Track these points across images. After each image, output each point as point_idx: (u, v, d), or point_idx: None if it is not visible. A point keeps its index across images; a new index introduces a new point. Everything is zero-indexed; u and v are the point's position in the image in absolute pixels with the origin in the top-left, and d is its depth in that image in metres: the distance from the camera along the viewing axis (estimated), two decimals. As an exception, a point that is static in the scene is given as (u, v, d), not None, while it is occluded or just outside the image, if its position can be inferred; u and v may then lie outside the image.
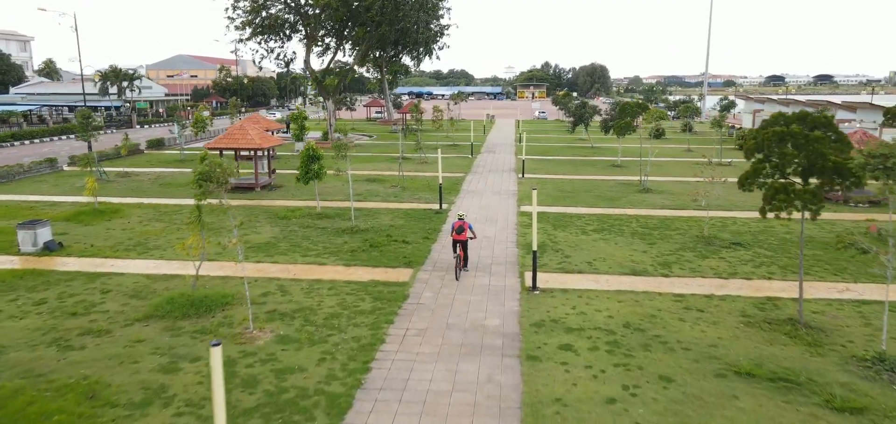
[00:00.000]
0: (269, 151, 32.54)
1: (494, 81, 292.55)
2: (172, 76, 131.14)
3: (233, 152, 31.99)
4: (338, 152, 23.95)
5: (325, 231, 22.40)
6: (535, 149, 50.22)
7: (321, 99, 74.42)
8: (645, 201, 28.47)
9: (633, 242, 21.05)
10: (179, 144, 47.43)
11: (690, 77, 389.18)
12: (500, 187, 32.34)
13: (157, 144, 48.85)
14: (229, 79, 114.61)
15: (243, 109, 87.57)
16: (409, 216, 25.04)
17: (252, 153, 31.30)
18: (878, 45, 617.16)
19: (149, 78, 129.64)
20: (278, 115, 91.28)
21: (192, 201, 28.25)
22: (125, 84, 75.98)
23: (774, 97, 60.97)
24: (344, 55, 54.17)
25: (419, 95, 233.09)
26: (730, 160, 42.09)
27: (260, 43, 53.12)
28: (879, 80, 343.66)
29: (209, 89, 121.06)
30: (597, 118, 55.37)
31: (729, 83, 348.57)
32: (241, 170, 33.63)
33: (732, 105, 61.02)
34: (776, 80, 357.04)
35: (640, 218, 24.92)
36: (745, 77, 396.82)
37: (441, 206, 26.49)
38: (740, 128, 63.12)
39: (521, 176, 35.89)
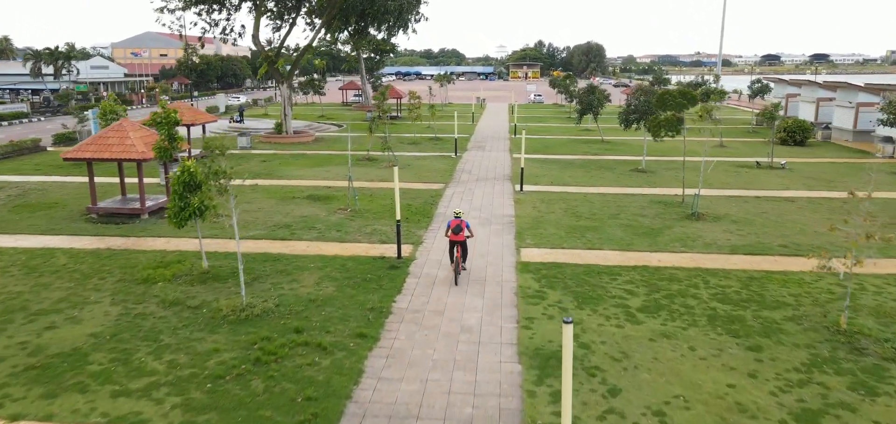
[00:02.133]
0: (164, 162, 23.18)
1: (486, 61, 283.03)
2: (136, 54, 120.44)
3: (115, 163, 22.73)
4: (212, 180, 14.69)
5: (195, 315, 13.32)
6: (534, 144, 41.14)
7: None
8: (701, 236, 19.52)
9: (720, 343, 12.11)
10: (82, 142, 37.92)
11: (685, 56, 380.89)
12: (490, 210, 23.27)
13: (65, 140, 39.32)
14: (195, 59, 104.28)
15: (195, 94, 77.72)
16: (347, 275, 15.95)
17: (137, 165, 22.00)
18: (874, 24, 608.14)
19: (107, 58, 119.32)
20: (244, 99, 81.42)
21: (35, 240, 19.23)
22: (61, 63, 66.01)
23: (817, 79, 52.18)
24: (314, 30, 44.37)
25: (407, 75, 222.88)
26: (783, 162, 33.18)
27: (200, 14, 43.53)
28: (875, 59, 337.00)
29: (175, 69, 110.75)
30: (608, 104, 46.19)
31: (725, 63, 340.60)
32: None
33: (766, 88, 51.97)
34: (771, 59, 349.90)
35: (709, 276, 15.94)
36: (740, 56, 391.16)
37: (400, 255, 17.38)
38: (772, 116, 54.15)
39: (519, 188, 26.83)
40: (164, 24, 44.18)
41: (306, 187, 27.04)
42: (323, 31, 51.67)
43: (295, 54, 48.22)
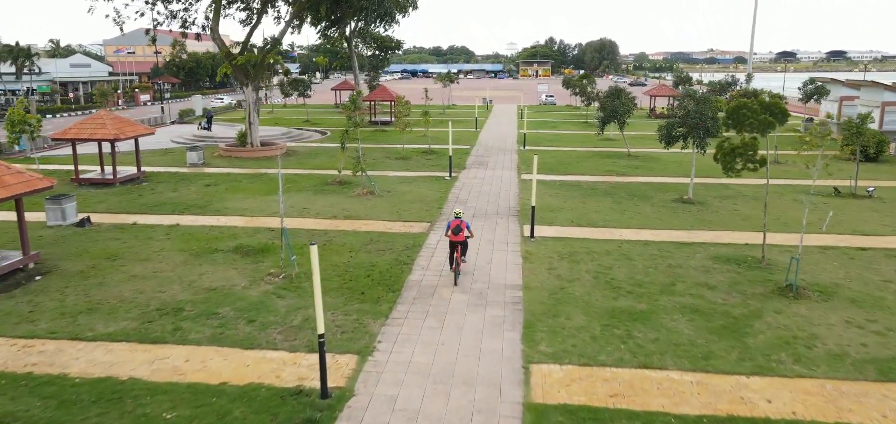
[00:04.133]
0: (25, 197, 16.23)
1: (496, 58, 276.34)
2: (119, 52, 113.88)
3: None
4: None
5: None
6: (547, 159, 33.99)
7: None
8: (817, 335, 12.35)
9: None
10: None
11: (698, 53, 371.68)
12: (488, 274, 16.16)
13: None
14: (184, 56, 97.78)
15: (168, 95, 70.57)
16: (220, 443, 8.95)
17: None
18: (892, 20, 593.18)
19: (95, 56, 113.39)
20: (228, 101, 74.66)
21: None
22: (21, 61, 59.51)
23: (881, 79, 44.75)
24: (288, 23, 37.31)
25: (413, 73, 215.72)
26: (871, 188, 25.84)
27: (152, 5, 36.73)
28: (894, 56, 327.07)
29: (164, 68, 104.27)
30: (637, 104, 38.77)
31: (739, 60, 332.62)
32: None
33: (823, 90, 44.16)
34: (787, 57, 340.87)
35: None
36: (755, 53, 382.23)
37: (326, 390, 10.28)
38: (824, 122, 46.61)
39: (529, 233, 19.69)
40: (107, 16, 37.10)
41: (241, 230, 20.07)
42: (308, 25, 45.24)
43: (262, 51, 41.25)
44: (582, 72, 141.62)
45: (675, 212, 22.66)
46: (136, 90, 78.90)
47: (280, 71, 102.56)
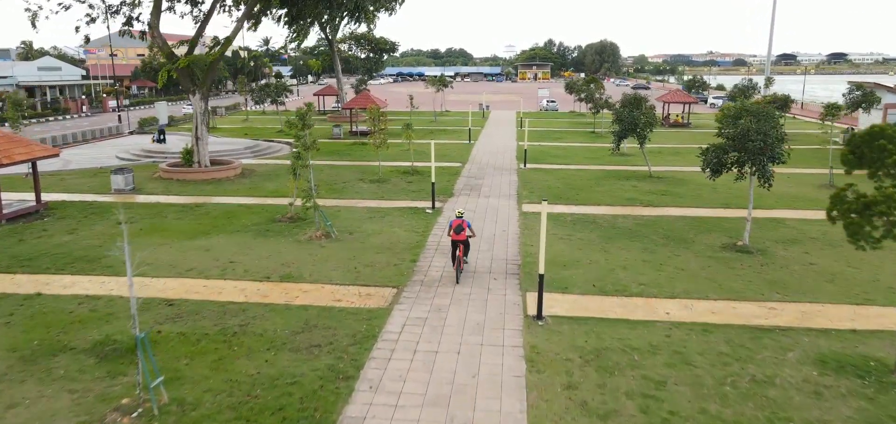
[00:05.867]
0: None
1: (494, 61, 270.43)
2: (87, 52, 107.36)
3: None
4: None
5: None
6: (555, 183, 28.12)
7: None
8: None
9: None
10: None
11: (697, 55, 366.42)
12: (470, 405, 10.20)
13: None
14: (161, 59, 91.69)
15: (127, 102, 64.01)
16: None
17: None
18: (892, 21, 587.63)
19: (72, 60, 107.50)
20: (191, 109, 68.63)
21: None
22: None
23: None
24: (249, 22, 31.47)
25: (409, 76, 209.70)
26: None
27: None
28: (895, 58, 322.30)
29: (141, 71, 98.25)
30: (660, 110, 32.71)
31: (739, 62, 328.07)
32: None
33: (872, 97, 37.89)
34: (787, 59, 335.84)
35: None
36: (755, 56, 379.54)
37: None
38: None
39: (535, 313, 13.71)
40: (27, 10, 31.12)
41: (125, 305, 14.06)
42: (284, 25, 39.48)
43: (259, 54, 35.29)
44: (583, 74, 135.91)
45: (732, 268, 16.71)
46: (105, 95, 72.73)
47: (268, 74, 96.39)
